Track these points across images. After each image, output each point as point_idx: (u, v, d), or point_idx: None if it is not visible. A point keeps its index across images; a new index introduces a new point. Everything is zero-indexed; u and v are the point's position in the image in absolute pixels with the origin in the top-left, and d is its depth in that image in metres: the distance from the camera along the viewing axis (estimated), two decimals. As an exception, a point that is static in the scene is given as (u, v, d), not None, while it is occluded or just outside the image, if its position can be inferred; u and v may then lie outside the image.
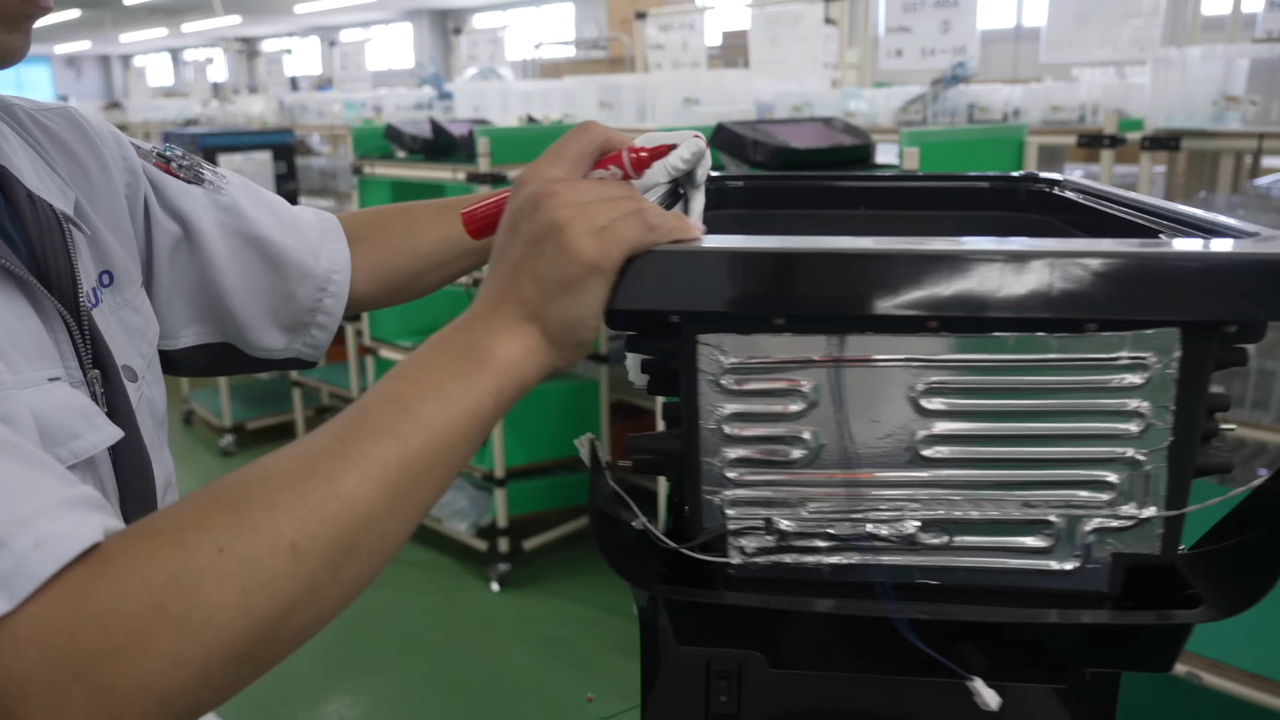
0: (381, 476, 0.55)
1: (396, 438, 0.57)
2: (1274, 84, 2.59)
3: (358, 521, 0.54)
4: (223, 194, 0.94)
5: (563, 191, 0.62)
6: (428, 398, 0.58)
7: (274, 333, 0.99)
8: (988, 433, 0.64)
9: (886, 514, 0.66)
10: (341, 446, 0.56)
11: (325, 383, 4.88)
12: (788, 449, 0.66)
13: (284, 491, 0.53)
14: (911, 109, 3.37)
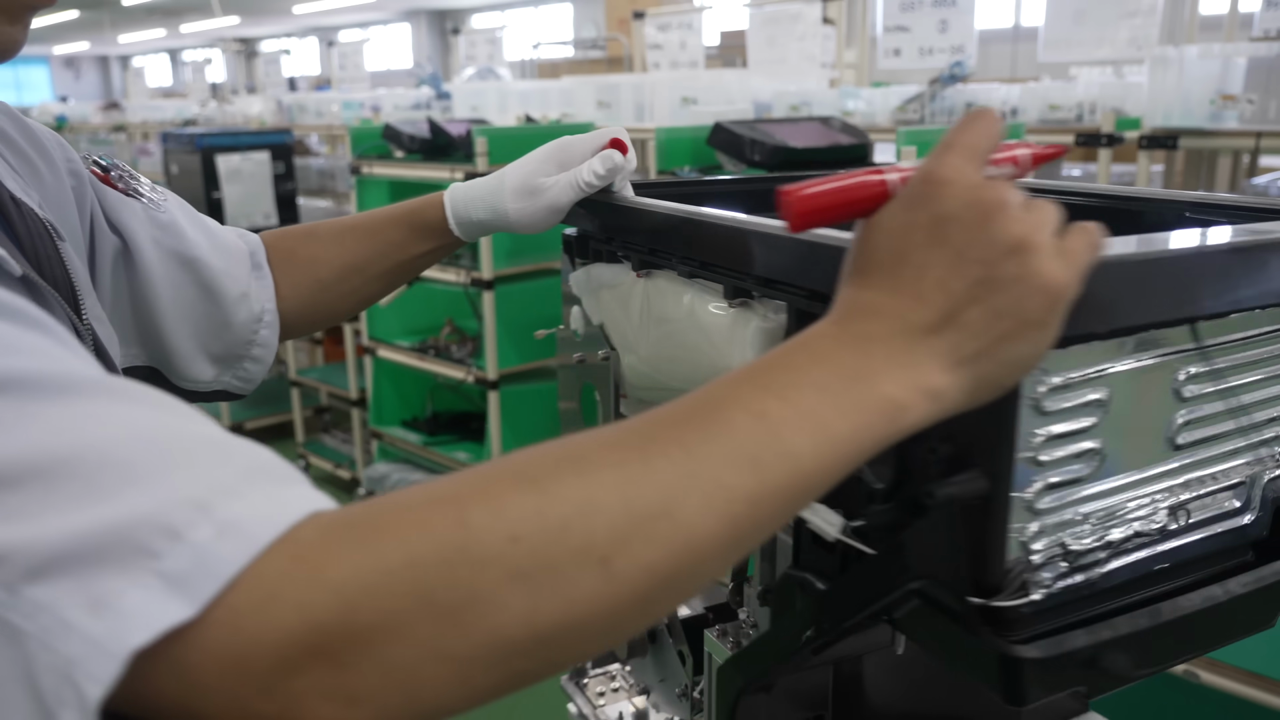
0: (728, 509, 0.45)
1: (756, 468, 0.46)
2: (1271, 83, 2.60)
3: (688, 553, 0.44)
4: (161, 211, 0.90)
5: (1013, 203, 0.50)
6: (804, 429, 0.47)
7: (203, 363, 0.95)
8: (1228, 408, 0.68)
9: (1145, 508, 0.67)
10: (687, 457, 0.45)
11: (324, 382, 4.88)
12: (1083, 465, 0.63)
13: (607, 492, 0.44)
14: (909, 108, 3.38)
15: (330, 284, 1.01)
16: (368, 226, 1.01)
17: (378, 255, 1.00)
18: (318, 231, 1.03)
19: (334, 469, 4.70)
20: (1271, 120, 2.61)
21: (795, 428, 0.47)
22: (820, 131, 2.92)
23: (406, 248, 1.00)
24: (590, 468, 0.45)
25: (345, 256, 1.00)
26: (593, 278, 0.96)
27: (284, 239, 1.02)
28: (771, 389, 0.48)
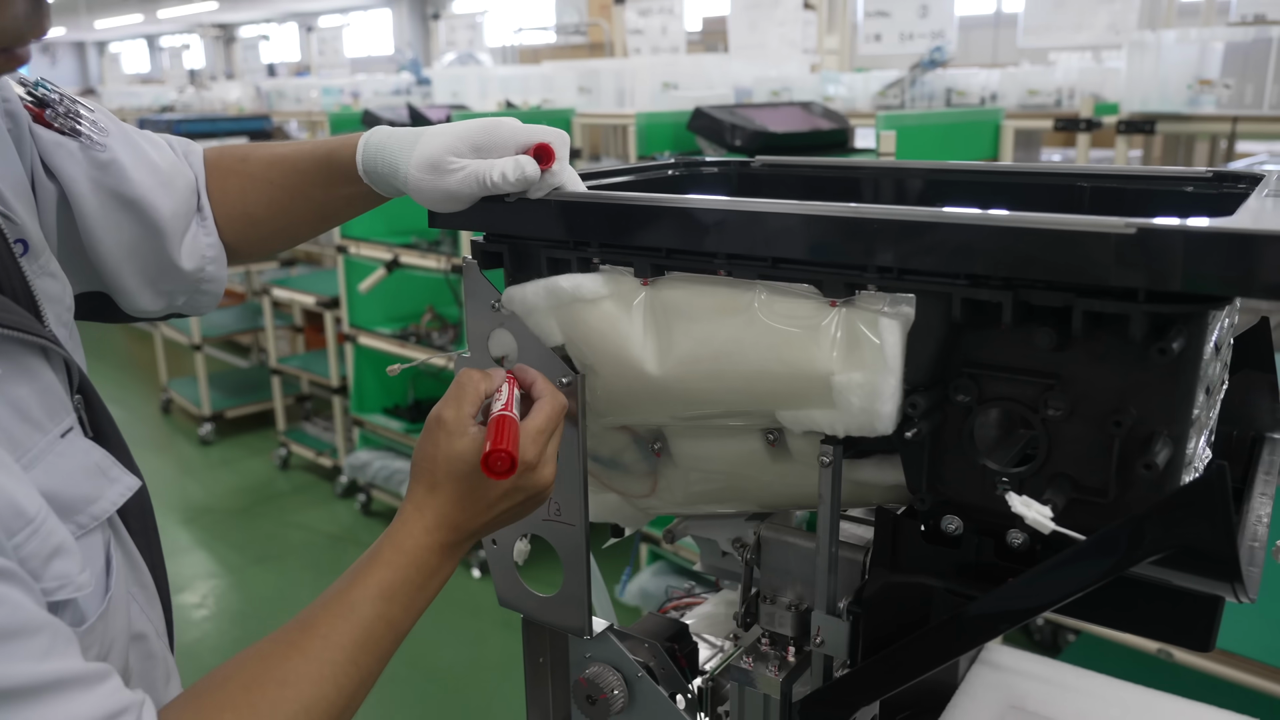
0: (359, 675, 0.75)
1: (386, 656, 0.77)
2: (1248, 67, 2.61)
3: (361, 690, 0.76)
4: (101, 150, 0.85)
5: (548, 482, 0.81)
6: (410, 619, 0.79)
7: (151, 296, 0.94)
8: None
9: None
10: (353, 661, 0.74)
11: (305, 370, 4.85)
12: None
13: (266, 692, 0.70)
14: (889, 93, 3.38)
15: (260, 220, 0.99)
16: (293, 160, 0.97)
17: (300, 195, 0.97)
18: (250, 159, 0.99)
19: (315, 457, 4.68)
20: (1248, 105, 2.62)
21: (405, 619, 0.78)
22: (801, 116, 2.92)
23: (325, 188, 0.96)
24: (239, 686, 0.69)
25: (273, 192, 0.97)
26: (560, 292, 0.87)
27: (220, 162, 0.99)
28: (395, 599, 0.76)
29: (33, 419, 0.67)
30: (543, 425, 0.79)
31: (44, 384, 0.69)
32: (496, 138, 0.85)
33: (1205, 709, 1.10)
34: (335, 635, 0.73)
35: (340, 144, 0.93)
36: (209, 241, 0.96)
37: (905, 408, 0.74)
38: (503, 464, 0.74)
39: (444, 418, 0.79)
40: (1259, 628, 1.81)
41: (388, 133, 0.90)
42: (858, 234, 0.71)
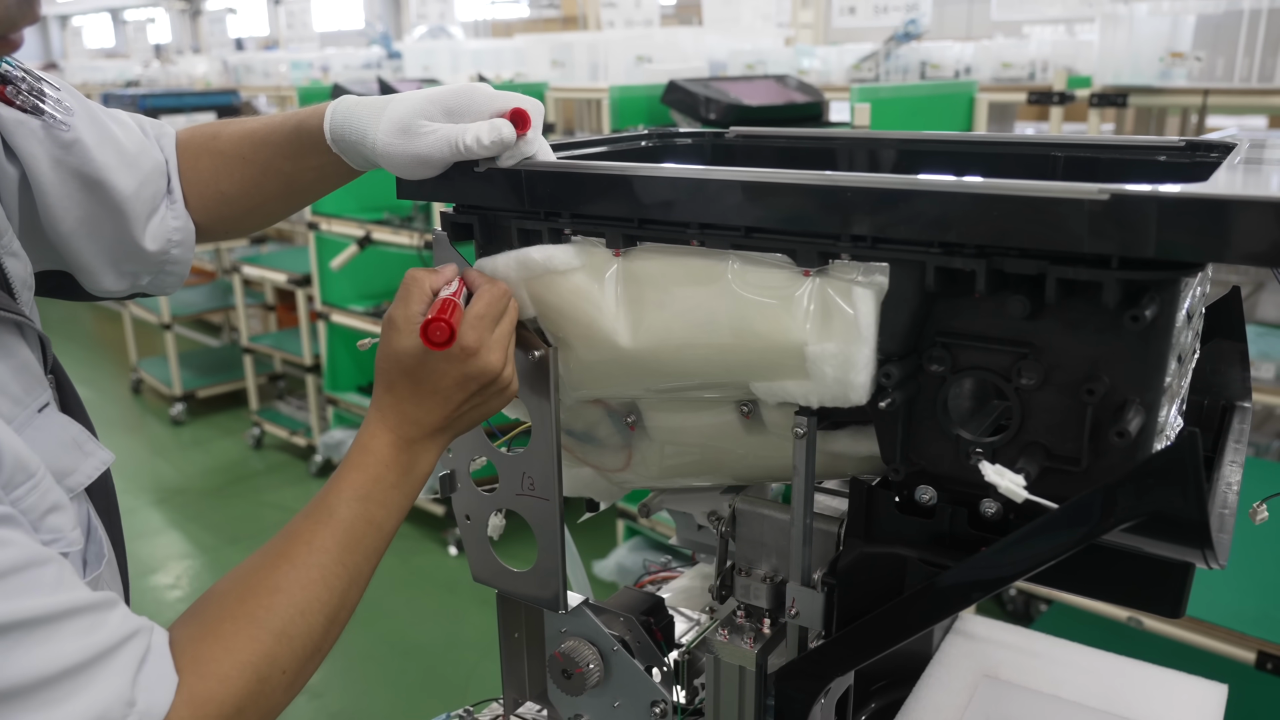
0: (349, 575, 0.79)
1: (367, 551, 0.80)
2: (1219, 40, 2.62)
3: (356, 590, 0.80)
4: (65, 129, 0.83)
5: (496, 366, 0.81)
6: (392, 516, 0.81)
7: (115, 277, 0.92)
8: None
9: None
10: (339, 561, 0.77)
11: (278, 349, 4.80)
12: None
13: (289, 610, 0.74)
14: (864, 66, 3.36)
15: (233, 198, 0.97)
16: (263, 134, 0.95)
17: (271, 170, 0.95)
18: (221, 136, 0.97)
19: (289, 436, 4.64)
20: (1219, 78, 2.63)
21: (386, 517, 0.81)
22: (775, 89, 2.91)
23: (295, 160, 0.93)
24: (260, 604, 0.73)
25: (244, 168, 0.95)
26: (531, 263, 0.86)
27: (191, 141, 0.97)
28: (371, 498, 0.79)
29: (11, 394, 0.68)
30: (483, 310, 0.80)
31: (21, 360, 0.70)
32: (470, 103, 0.84)
33: (1174, 674, 1.12)
34: (319, 540, 0.76)
35: (308, 114, 0.91)
36: (176, 225, 0.95)
37: (879, 378, 0.73)
38: (441, 334, 0.75)
39: (393, 317, 0.81)
40: (1225, 594, 1.84)
41: (355, 100, 0.88)
42: (831, 202, 0.70)
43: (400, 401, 0.81)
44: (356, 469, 0.80)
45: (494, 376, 0.81)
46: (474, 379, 0.80)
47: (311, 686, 3.01)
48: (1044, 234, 0.64)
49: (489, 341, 0.80)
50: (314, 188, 0.97)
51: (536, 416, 0.89)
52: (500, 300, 0.82)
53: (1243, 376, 0.96)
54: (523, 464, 0.91)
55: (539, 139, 0.85)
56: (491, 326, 0.81)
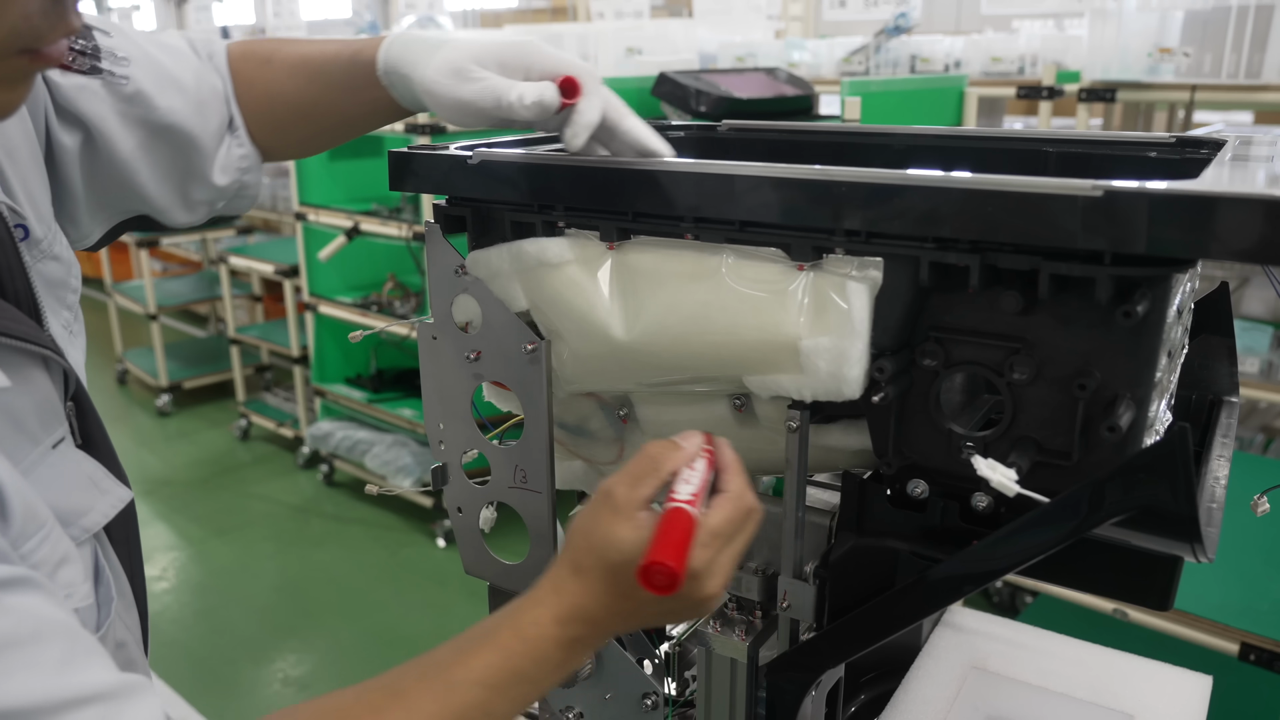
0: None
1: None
2: (1207, 35, 2.63)
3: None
4: (125, 82, 0.82)
5: (715, 596, 0.69)
6: (513, 711, 0.68)
7: (190, 212, 0.93)
8: None
9: None
10: None
11: (264, 340, 4.78)
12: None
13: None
14: (854, 60, 3.37)
15: (285, 124, 0.95)
16: (318, 63, 0.91)
17: (325, 103, 0.92)
18: (275, 61, 0.93)
19: (276, 428, 4.62)
20: (1206, 74, 2.64)
21: (507, 713, 0.67)
22: (765, 82, 2.90)
23: (349, 93, 0.90)
24: None
25: (298, 98, 0.92)
26: (524, 256, 0.85)
27: (245, 62, 0.94)
28: (502, 691, 0.66)
29: (28, 430, 0.64)
30: (720, 527, 0.68)
31: (42, 395, 0.67)
32: (525, 58, 0.81)
33: (1160, 666, 1.13)
34: (422, 708, 0.65)
35: (365, 45, 0.88)
36: (242, 153, 0.94)
37: (872, 372, 0.74)
38: (662, 579, 0.63)
39: (614, 493, 0.69)
40: (1209, 586, 1.86)
41: (412, 35, 0.85)
42: (825, 197, 0.71)
43: (586, 595, 0.68)
44: (498, 650, 0.68)
45: (705, 602, 0.69)
46: (682, 600, 0.68)
47: (299, 679, 3.00)
48: (1037, 229, 0.64)
49: (715, 566, 0.68)
50: (366, 121, 0.94)
51: (529, 410, 0.89)
52: (743, 518, 0.70)
53: (1230, 371, 0.97)
54: (515, 457, 0.91)
55: (591, 109, 0.80)
56: (724, 547, 0.69)
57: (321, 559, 3.69)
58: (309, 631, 3.25)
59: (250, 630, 3.24)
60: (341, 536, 3.83)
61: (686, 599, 0.68)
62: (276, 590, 3.51)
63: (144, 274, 5.16)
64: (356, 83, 0.89)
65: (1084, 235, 0.62)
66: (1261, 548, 2.00)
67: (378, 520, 3.91)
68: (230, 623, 3.29)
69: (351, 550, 3.73)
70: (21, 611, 0.51)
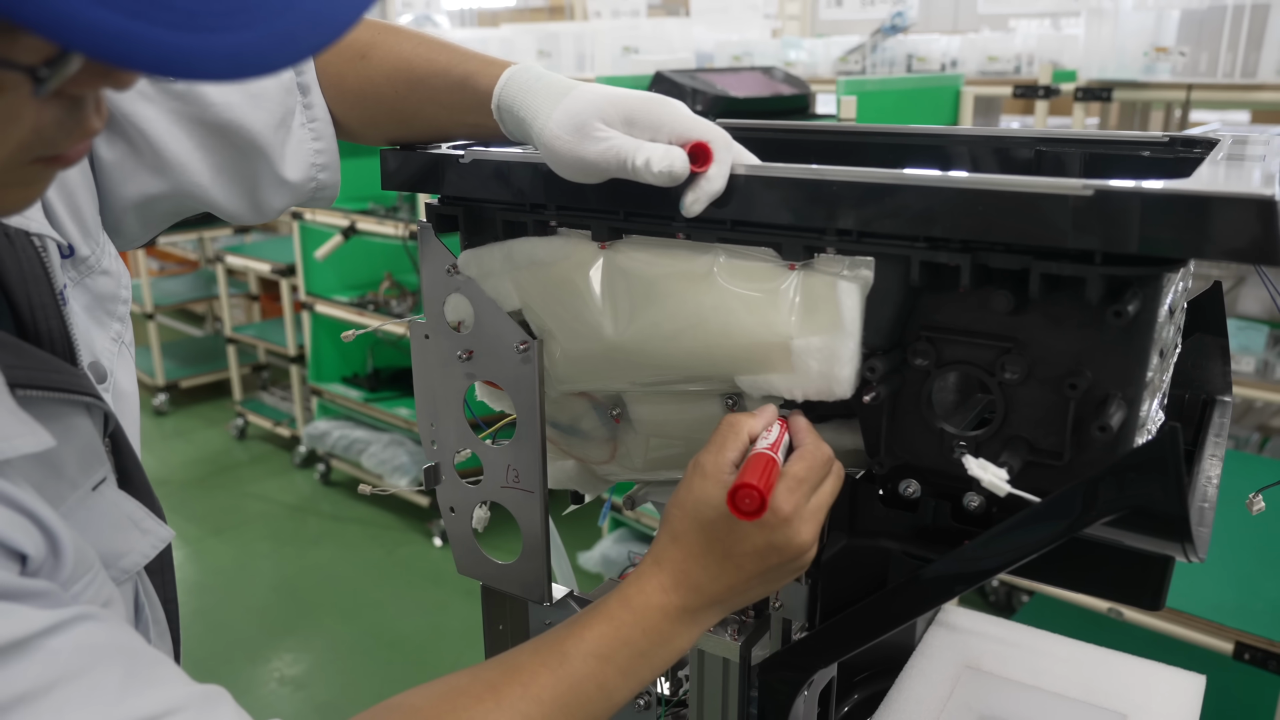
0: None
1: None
2: (1203, 35, 2.63)
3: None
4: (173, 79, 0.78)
5: (810, 545, 0.72)
6: (628, 688, 0.70)
7: (257, 213, 0.87)
8: None
9: None
10: (550, 718, 0.67)
11: (261, 339, 4.78)
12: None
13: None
14: (850, 59, 3.37)
15: (379, 121, 0.89)
16: (421, 76, 0.85)
17: (422, 117, 0.87)
18: (372, 58, 0.86)
19: (273, 427, 4.62)
20: (1203, 73, 2.65)
21: (621, 686, 0.70)
22: (762, 81, 2.90)
23: (451, 112, 0.85)
24: None
25: (395, 100, 0.86)
26: (516, 255, 0.85)
27: (337, 53, 0.87)
28: (613, 660, 0.69)
29: (68, 477, 0.63)
30: (803, 474, 0.71)
31: (84, 440, 0.65)
32: (655, 117, 0.74)
33: (1153, 665, 1.13)
34: (536, 686, 0.67)
35: (479, 69, 0.82)
36: (318, 147, 0.87)
37: (864, 372, 0.74)
38: (751, 502, 0.66)
39: (701, 461, 0.73)
40: (1204, 586, 1.86)
41: (535, 75, 0.79)
42: (817, 196, 0.70)
43: (686, 559, 0.72)
44: (607, 621, 0.70)
45: (799, 552, 0.71)
46: (777, 550, 0.71)
47: (295, 678, 3.00)
48: (1028, 229, 0.64)
49: (804, 511, 0.71)
50: (461, 137, 0.90)
51: (521, 409, 0.88)
52: (823, 464, 0.73)
53: (1224, 371, 0.97)
54: (507, 456, 0.91)
55: (717, 180, 0.74)
56: (809, 493, 0.72)
57: (318, 558, 3.68)
58: (306, 630, 3.25)
59: (247, 629, 3.24)
60: (338, 536, 3.83)
61: (780, 546, 0.70)
62: (273, 589, 3.51)
63: (141, 273, 5.16)
64: (464, 106, 0.83)
65: (1074, 235, 0.62)
66: (1257, 547, 2.00)
67: (374, 519, 3.91)
68: (227, 622, 3.28)
69: (348, 549, 3.73)
70: (70, 650, 0.50)
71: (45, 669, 0.49)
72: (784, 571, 0.73)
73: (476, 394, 0.97)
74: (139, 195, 0.80)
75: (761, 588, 0.73)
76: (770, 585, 0.74)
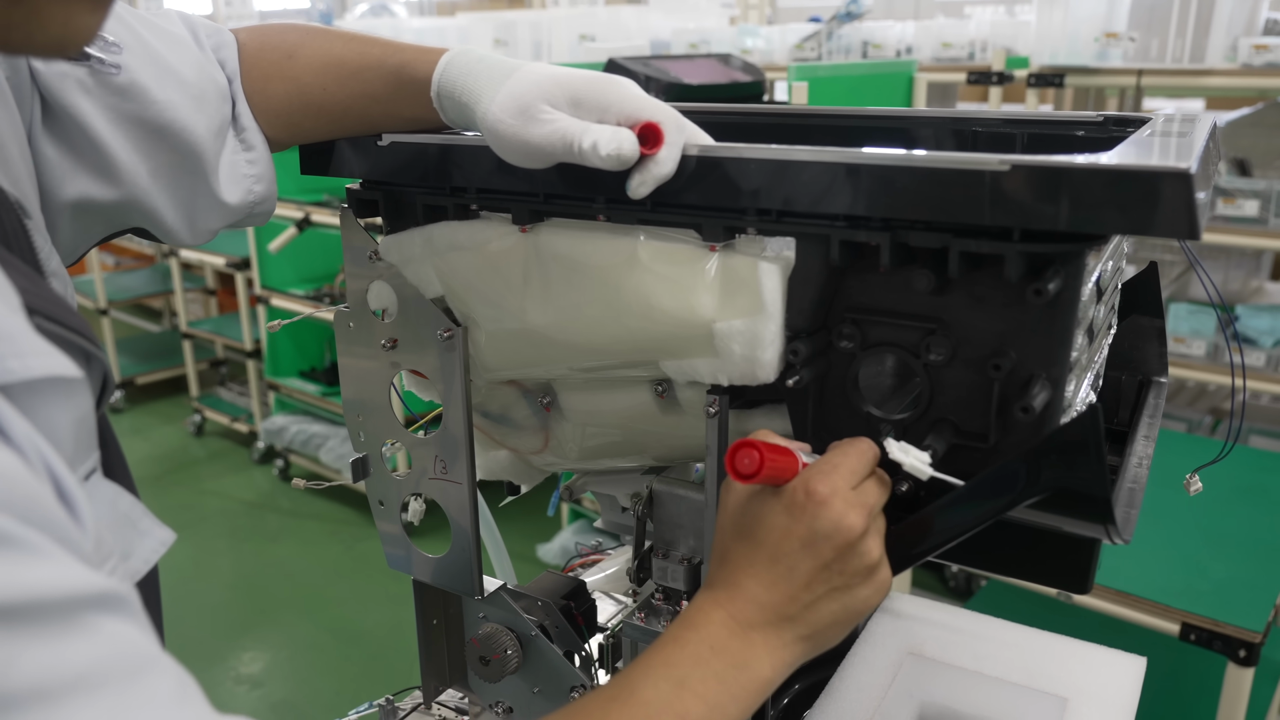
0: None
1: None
2: (1153, 20, 2.65)
3: None
4: (114, 72, 0.70)
5: (870, 532, 0.66)
6: (708, 714, 0.62)
7: (193, 231, 0.81)
8: None
9: None
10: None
11: (218, 334, 4.70)
12: None
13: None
14: (806, 46, 3.36)
15: (303, 125, 0.84)
16: (352, 70, 0.81)
17: (356, 113, 0.83)
18: (299, 57, 0.82)
19: (231, 423, 4.55)
20: (1153, 58, 2.66)
21: (702, 714, 0.62)
22: (718, 69, 2.88)
23: (387, 106, 0.81)
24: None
25: (324, 98, 0.82)
26: (437, 241, 0.83)
27: (260, 58, 0.83)
28: (687, 685, 0.62)
29: (66, 453, 0.51)
30: (838, 459, 0.66)
31: (81, 410, 0.54)
32: (603, 97, 0.71)
33: (1095, 648, 1.13)
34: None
35: (414, 58, 0.78)
36: (249, 157, 0.83)
37: (787, 355, 0.72)
38: (749, 464, 0.63)
39: (730, 484, 0.69)
40: (1151, 568, 1.88)
41: (476, 58, 0.75)
42: (733, 175, 0.69)
43: (734, 572, 0.66)
44: (675, 643, 0.64)
45: (852, 540, 0.64)
46: (825, 539, 0.64)
47: (252, 677, 2.96)
48: (946, 206, 0.62)
49: (846, 494, 0.65)
50: (399, 130, 0.85)
51: (446, 398, 0.86)
52: (863, 454, 0.68)
53: (1160, 352, 0.96)
54: (434, 447, 0.89)
55: (667, 164, 0.70)
56: (849, 479, 0.66)
57: (277, 555, 3.64)
58: (264, 629, 3.20)
59: (203, 629, 3.19)
60: (298, 532, 3.78)
61: (832, 533, 0.63)
62: (231, 588, 3.46)
63: (94, 268, 5.06)
64: (401, 98, 0.80)
65: (992, 211, 0.61)
66: (1204, 528, 2.01)
67: (334, 515, 3.86)
68: (183, 621, 3.23)
69: (308, 545, 3.68)
70: (124, 638, 0.41)
71: (93, 651, 0.38)
72: (851, 575, 0.65)
73: (404, 383, 0.94)
74: (77, 197, 0.74)
75: (834, 600, 0.65)
76: (847, 601, 0.66)
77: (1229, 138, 2.91)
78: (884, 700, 1.03)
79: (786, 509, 0.65)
